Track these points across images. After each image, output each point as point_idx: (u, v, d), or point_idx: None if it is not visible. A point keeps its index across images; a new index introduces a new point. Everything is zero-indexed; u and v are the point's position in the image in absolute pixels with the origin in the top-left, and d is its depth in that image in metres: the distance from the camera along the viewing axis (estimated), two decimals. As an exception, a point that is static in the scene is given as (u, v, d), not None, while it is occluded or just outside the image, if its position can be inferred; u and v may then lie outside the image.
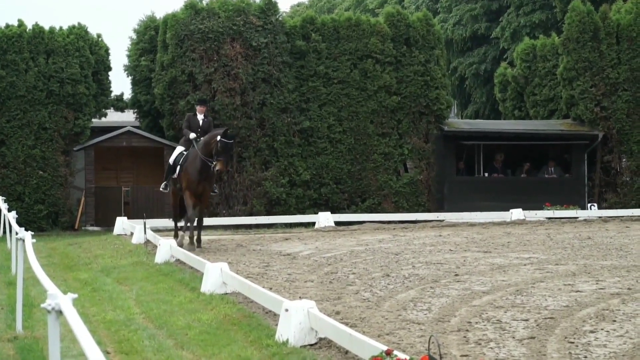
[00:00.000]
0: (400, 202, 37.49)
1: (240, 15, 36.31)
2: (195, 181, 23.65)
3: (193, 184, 23.68)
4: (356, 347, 10.58)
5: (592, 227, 31.96)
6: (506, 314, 13.75)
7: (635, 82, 39.59)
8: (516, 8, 69.33)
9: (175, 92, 35.69)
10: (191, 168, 23.73)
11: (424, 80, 38.25)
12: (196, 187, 23.74)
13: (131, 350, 11.88)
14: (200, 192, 23.97)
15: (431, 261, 21.17)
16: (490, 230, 30.99)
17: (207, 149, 23.26)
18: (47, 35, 35.71)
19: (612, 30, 39.94)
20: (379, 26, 38.09)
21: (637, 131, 39.48)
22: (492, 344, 11.66)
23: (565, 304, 14.63)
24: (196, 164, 23.56)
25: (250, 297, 15.22)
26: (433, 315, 13.81)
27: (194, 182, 23.66)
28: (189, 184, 23.77)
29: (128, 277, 19.75)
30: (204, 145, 23.48)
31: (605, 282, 17.13)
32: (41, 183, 35.14)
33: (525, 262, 20.74)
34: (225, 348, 11.85)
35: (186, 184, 23.90)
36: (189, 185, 23.79)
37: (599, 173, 39.66)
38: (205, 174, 23.58)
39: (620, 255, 22.07)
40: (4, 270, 20.80)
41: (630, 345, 11.41)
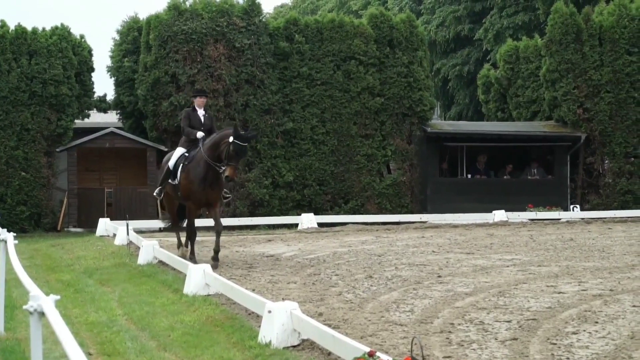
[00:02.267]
0: (383, 203, 37.54)
1: (224, 17, 36.31)
2: (198, 190, 20.14)
3: (195, 194, 20.27)
4: (339, 349, 10.59)
5: (574, 229, 32.05)
6: (489, 316, 13.78)
7: (618, 84, 39.71)
8: (499, 10, 69.50)
9: (158, 93, 35.65)
10: (193, 174, 20.14)
11: (407, 82, 38.31)
12: (200, 197, 20.35)
13: (114, 352, 11.87)
14: (206, 202, 20.64)
15: (414, 263, 21.20)
16: (473, 232, 31.05)
17: (215, 152, 19.77)
18: (29, 36, 35.65)
19: (595, 32, 40.06)
20: (362, 28, 38.14)
21: (620, 133, 39.60)
22: (475, 345, 11.68)
23: (548, 305, 14.67)
24: (199, 170, 20.04)
25: (233, 299, 15.21)
26: (416, 317, 13.83)
27: (196, 191, 20.19)
28: (191, 194, 20.37)
29: (111, 278, 19.74)
30: (212, 147, 19.90)
31: (588, 284, 17.18)
32: (23, 184, 35.08)
33: (508, 264, 20.80)
34: (208, 349, 11.86)
35: (187, 194, 20.49)
36: (190, 196, 20.45)
37: (581, 175, 39.78)
38: (212, 181, 20.09)
39: (603, 257, 22.14)
40: (-14, 272, 20.76)
41: (613, 347, 11.45)
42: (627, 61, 39.83)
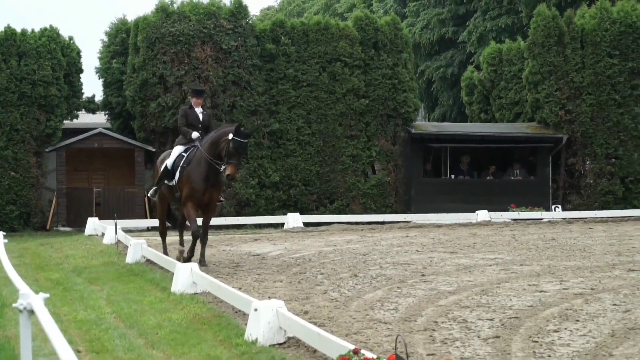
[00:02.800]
0: (368, 203, 37.56)
1: (211, 19, 36.29)
2: (201, 190, 19.32)
3: (198, 193, 19.37)
4: (324, 346, 10.61)
5: (556, 229, 32.11)
6: (472, 314, 13.81)
7: (599, 86, 39.81)
8: (483, 13, 69.58)
9: (146, 95, 35.64)
10: (195, 174, 19.30)
11: (392, 84, 38.34)
12: (201, 197, 19.45)
13: (102, 349, 11.86)
14: (207, 201, 19.74)
15: (398, 262, 21.22)
16: (456, 231, 31.09)
17: (215, 150, 19.01)
18: (19, 38, 35.57)
19: (577, 35, 40.16)
20: (347, 30, 38.15)
21: (601, 134, 39.69)
22: (458, 343, 11.71)
23: (530, 303, 14.71)
24: (201, 169, 19.24)
25: (220, 297, 15.21)
26: (400, 315, 13.85)
27: (198, 190, 19.32)
28: (193, 193, 19.39)
29: (99, 277, 19.70)
30: (211, 145, 19.16)
31: (569, 283, 17.23)
32: (13, 184, 35.02)
33: (491, 263, 20.83)
34: (195, 347, 11.86)
35: (189, 193, 19.43)
36: (192, 195, 19.42)
37: (563, 175, 39.86)
38: (213, 180, 19.41)
39: (584, 256, 22.20)
40: (-24, 270, 20.73)
41: (593, 345, 11.49)
42: (609, 64, 39.93)
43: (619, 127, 39.92)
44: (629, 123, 39.98)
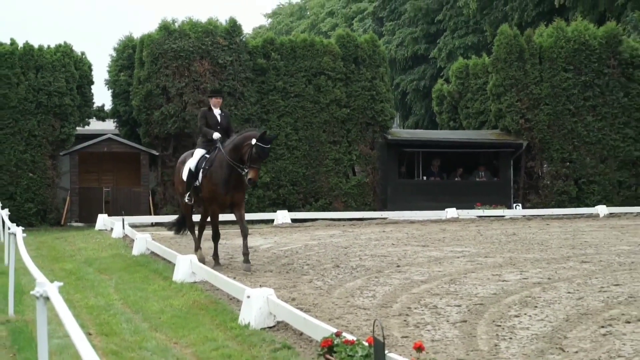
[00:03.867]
0: (349, 202, 37.55)
1: (209, 36, 36.28)
2: (223, 192, 17.80)
3: (220, 196, 17.88)
4: (310, 330, 10.61)
5: (517, 225, 32.15)
6: (441, 301, 13.81)
7: (555, 98, 39.88)
8: (451, 31, 69.84)
9: (150, 104, 35.60)
10: (217, 176, 17.80)
11: (370, 95, 38.33)
12: (223, 198, 17.91)
13: (110, 332, 11.84)
14: (230, 202, 18.14)
15: (376, 254, 21.22)
16: (427, 227, 31.09)
17: (237, 154, 17.48)
18: (36, 53, 35.50)
19: (535, 52, 40.23)
20: (330, 47, 38.15)
21: (557, 140, 39.76)
22: (429, 327, 11.71)
23: (493, 291, 14.72)
24: (223, 171, 17.70)
25: (217, 285, 15.21)
26: (377, 302, 13.85)
27: (221, 193, 17.83)
28: (215, 196, 17.97)
29: (108, 267, 19.67)
30: (233, 149, 17.59)
31: (528, 273, 17.24)
32: (31, 184, 34.95)
33: (459, 255, 20.84)
34: (194, 330, 11.84)
35: (211, 196, 18.08)
36: (214, 198, 18.04)
37: (523, 177, 39.91)
38: (235, 182, 17.79)
39: (542, 249, 22.22)
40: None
41: (550, 328, 11.50)
42: (564, 77, 40.01)
43: (573, 134, 39.99)
44: (581, 131, 40.06)
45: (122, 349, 10.73)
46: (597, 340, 10.75)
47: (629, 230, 28.68)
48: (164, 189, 36.06)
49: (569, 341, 10.73)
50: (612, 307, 13.06)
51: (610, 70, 40.72)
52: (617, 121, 40.64)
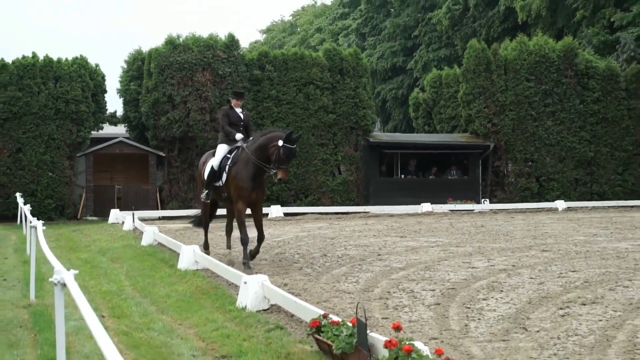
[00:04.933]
0: (335, 197, 37.53)
1: (210, 50, 36.22)
2: (249, 188, 16.42)
3: (246, 192, 16.45)
4: (300, 312, 10.62)
5: (484, 218, 32.18)
6: (417, 286, 13.81)
7: (519, 104, 39.92)
8: (426, 46, 70.03)
9: (157, 110, 35.54)
10: (243, 174, 16.45)
11: (354, 102, 38.31)
12: (249, 195, 16.51)
13: (122, 314, 11.82)
14: (254, 200, 16.75)
15: (359, 244, 21.21)
16: (405, 220, 31.10)
17: (263, 154, 16.14)
18: (55, 65, 35.46)
19: (501, 64, 40.27)
20: (318, 59, 38.12)
21: (520, 142, 39.82)
22: (407, 309, 11.71)
23: (464, 277, 14.73)
24: (249, 170, 16.37)
25: (217, 272, 15.20)
26: (360, 287, 13.84)
27: (247, 189, 16.43)
28: (242, 192, 16.49)
29: (120, 256, 19.63)
30: (259, 149, 16.25)
31: (495, 261, 17.26)
32: (50, 182, 34.92)
33: (433, 245, 20.85)
34: (196, 312, 11.82)
35: (238, 193, 16.56)
36: (241, 194, 16.52)
37: (490, 175, 39.95)
38: (259, 181, 16.63)
39: (507, 240, 22.24)
40: (20, 252, 20.61)
41: (514, 310, 11.52)
42: (526, 86, 40.05)
43: (535, 137, 40.05)
44: (542, 134, 40.12)
45: (132, 329, 10.71)
46: (556, 321, 10.77)
47: (584, 223, 28.74)
48: (170, 186, 36.02)
49: (531, 321, 10.74)
50: (570, 291, 13.08)
51: (567, 80, 40.80)
52: (573, 125, 40.73)
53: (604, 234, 23.73)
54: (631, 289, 13.28)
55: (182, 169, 36.04)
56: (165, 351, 9.45)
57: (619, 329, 10.19)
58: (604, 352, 9.04)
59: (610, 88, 41.48)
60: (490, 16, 64.09)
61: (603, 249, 19.41)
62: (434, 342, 9.49)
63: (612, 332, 10.04)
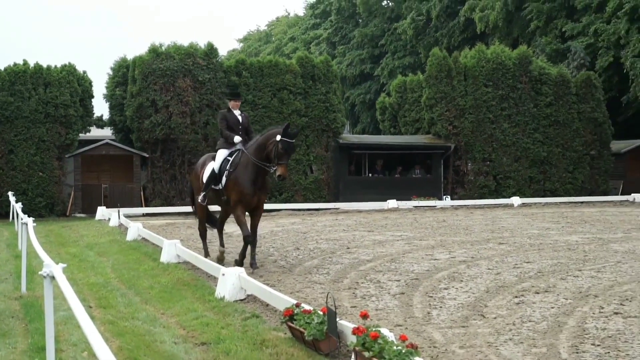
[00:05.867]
0: (307, 195, 37.51)
1: (190, 58, 36.13)
2: (250, 193, 14.90)
3: (247, 197, 14.94)
4: (274, 301, 10.62)
5: (446, 213, 32.30)
6: (384, 276, 13.85)
7: (477, 108, 40.07)
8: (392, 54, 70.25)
9: (141, 114, 35.39)
10: (243, 178, 14.92)
11: (325, 106, 38.31)
12: (250, 200, 15.00)
13: (108, 305, 11.77)
14: (255, 204, 15.22)
15: (330, 238, 21.23)
16: (372, 216, 31.16)
17: (262, 153, 14.72)
18: (45, 71, 35.25)
19: (461, 70, 40.40)
20: (292, 66, 38.08)
21: (479, 144, 39.97)
22: (374, 298, 11.74)
23: (427, 268, 14.78)
24: (249, 172, 14.88)
25: (197, 265, 15.18)
26: (331, 278, 13.87)
27: (247, 194, 14.90)
28: (242, 197, 14.94)
29: (106, 251, 19.55)
30: (258, 149, 14.83)
31: (456, 253, 17.33)
32: (41, 181, 34.70)
33: (398, 239, 20.90)
34: (178, 303, 11.80)
35: (238, 197, 14.99)
36: (241, 199, 14.97)
37: (451, 174, 40.06)
38: (260, 184, 15.08)
39: (467, 233, 22.34)
40: (12, 247, 20.47)
41: (473, 298, 11.57)
42: (484, 91, 40.21)
43: (492, 138, 40.22)
44: (499, 135, 40.29)
45: (118, 319, 10.67)
46: (511, 308, 10.83)
47: (537, 217, 28.91)
48: (153, 185, 35.88)
49: (489, 309, 10.80)
50: (524, 281, 13.16)
51: (522, 86, 41.00)
52: (528, 127, 40.93)
53: (555, 228, 23.88)
54: (581, 278, 13.38)
55: (165, 169, 35.93)
56: (149, 339, 9.43)
57: (569, 316, 10.26)
58: (555, 337, 9.10)
59: (561, 93, 41.73)
60: (451, 26, 64.37)
61: (555, 242, 19.54)
62: (398, 328, 9.52)
63: (563, 318, 10.12)
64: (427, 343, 8.85)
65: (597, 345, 8.67)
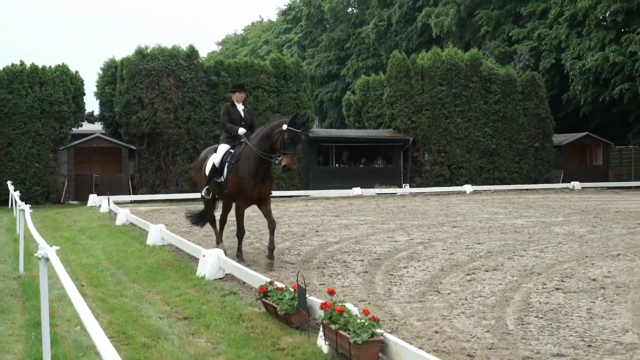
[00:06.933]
0: (280, 183, 37.38)
1: (173, 59, 35.95)
2: (250, 186, 13.08)
3: (247, 190, 13.12)
4: (250, 279, 10.61)
5: (405, 200, 32.39)
6: (349, 257, 13.86)
7: (433, 105, 40.17)
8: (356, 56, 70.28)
9: (129, 110, 35.20)
10: (244, 170, 13.18)
11: (296, 103, 38.25)
12: (251, 192, 13.13)
13: (99, 283, 11.70)
14: (257, 197, 13.29)
15: (300, 222, 21.22)
16: (339, 202, 31.18)
17: (267, 143, 13.04)
18: (40, 71, 34.97)
19: (419, 71, 40.46)
20: (266, 67, 37.99)
21: (435, 137, 40.08)
22: (340, 277, 11.75)
23: (388, 249, 14.82)
24: (250, 165, 13.13)
25: (180, 247, 15.11)
26: (301, 258, 13.86)
27: (248, 187, 13.10)
28: (242, 190, 13.19)
29: (97, 234, 19.42)
30: (263, 139, 13.12)
31: (414, 235, 17.38)
32: (37, 172, 34.50)
33: (362, 223, 20.93)
34: (162, 281, 11.75)
35: (237, 190, 13.30)
36: (241, 192, 13.24)
37: (410, 164, 40.17)
38: (263, 175, 13.23)
39: (424, 218, 22.41)
40: (11, 231, 20.27)
41: (429, 276, 11.61)
42: (439, 90, 40.32)
43: (447, 132, 40.36)
44: (453, 129, 40.44)
45: (108, 296, 10.62)
46: (464, 285, 10.89)
47: (487, 203, 29.07)
48: (140, 175, 35.73)
49: (444, 285, 10.85)
50: (475, 260, 13.23)
51: (473, 85, 41.16)
52: (478, 122, 41.11)
53: (503, 213, 24.03)
54: (526, 258, 13.48)
55: (150, 160, 35.76)
56: (136, 314, 9.39)
57: (515, 291, 10.33)
58: (503, 310, 9.16)
59: (508, 91, 41.94)
60: (410, 31, 64.50)
61: (503, 225, 19.66)
62: (362, 303, 9.53)
63: (510, 293, 10.19)
64: (387, 316, 8.87)
65: (540, 318, 8.74)
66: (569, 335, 7.96)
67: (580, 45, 46.60)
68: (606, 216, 22.15)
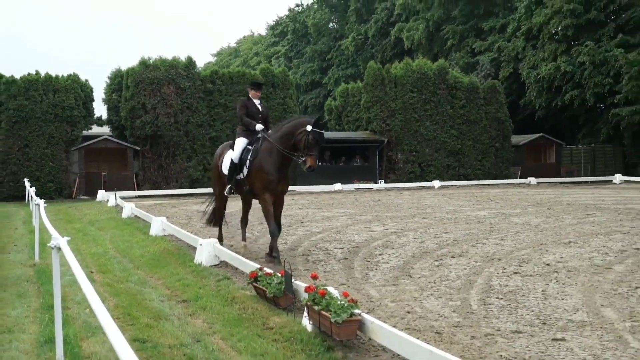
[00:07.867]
0: (269, 180, 37.41)
1: (173, 69, 35.81)
2: (275, 180, 11.75)
3: (272, 184, 11.77)
4: (242, 266, 10.56)
5: (380, 194, 32.41)
6: (331, 245, 13.84)
7: (405, 110, 40.18)
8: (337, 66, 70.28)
9: (133, 115, 35.06)
10: (268, 164, 11.77)
11: (283, 108, 38.19)
12: (276, 187, 11.84)
13: (106, 270, 11.63)
14: (280, 191, 12.02)
15: (287, 214, 21.15)
16: (322, 196, 31.17)
17: (289, 142, 11.58)
18: (54, 80, 34.84)
19: (392, 79, 40.47)
20: (256, 76, 37.84)
21: (407, 139, 40.10)
22: (323, 263, 11.72)
23: (365, 238, 14.81)
24: (274, 160, 11.75)
25: (180, 237, 15.04)
26: (288, 246, 13.83)
27: (273, 181, 11.75)
28: (268, 184, 11.77)
29: (105, 226, 19.32)
30: (284, 137, 11.67)
31: (388, 226, 17.38)
32: (51, 170, 34.35)
33: (342, 215, 20.92)
34: (164, 268, 11.69)
35: (264, 185, 11.81)
36: (267, 186, 11.78)
37: (385, 162, 40.20)
38: (285, 170, 11.97)
39: (397, 210, 22.42)
40: (27, 224, 20.14)
41: (402, 262, 11.61)
42: (411, 96, 40.35)
43: (417, 134, 40.40)
44: (423, 131, 40.49)
45: (114, 281, 10.56)
46: (433, 270, 10.89)
47: (453, 197, 29.13)
48: (144, 172, 35.59)
49: (415, 270, 10.85)
50: (443, 247, 13.24)
51: (441, 92, 41.23)
52: (445, 125, 41.18)
53: (468, 205, 24.08)
54: (487, 245, 13.50)
55: (153, 160, 35.65)
56: (140, 297, 9.34)
57: (478, 275, 10.35)
58: (467, 292, 9.17)
59: (472, 97, 42.03)
60: (384, 44, 64.61)
61: (467, 216, 19.70)
62: (342, 287, 9.53)
63: (474, 277, 10.20)
64: (365, 298, 8.86)
65: (500, 299, 8.76)
66: (526, 314, 7.97)
67: (535, 56, 46.89)
68: (559, 208, 22.24)
